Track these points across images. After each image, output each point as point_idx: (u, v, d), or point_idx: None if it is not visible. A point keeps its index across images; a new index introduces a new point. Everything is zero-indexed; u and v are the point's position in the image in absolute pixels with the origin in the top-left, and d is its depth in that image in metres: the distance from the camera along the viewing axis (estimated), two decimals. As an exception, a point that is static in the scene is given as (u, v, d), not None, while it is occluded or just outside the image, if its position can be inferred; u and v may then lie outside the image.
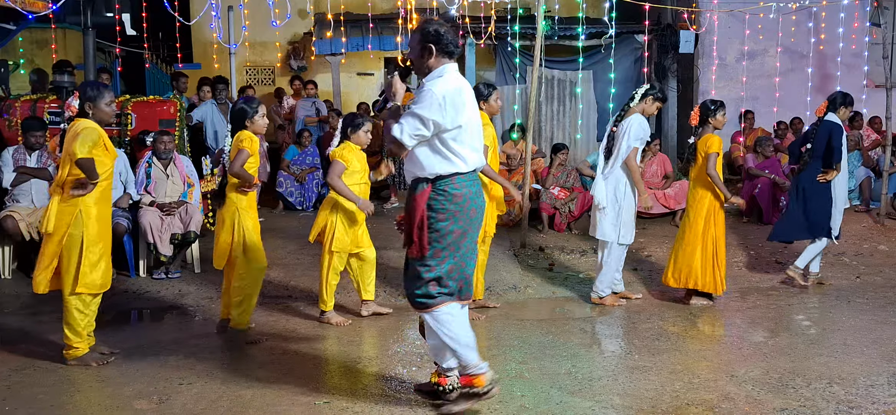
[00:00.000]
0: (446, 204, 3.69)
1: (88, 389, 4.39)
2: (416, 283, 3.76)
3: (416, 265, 3.74)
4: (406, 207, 3.80)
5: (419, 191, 3.71)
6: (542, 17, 7.82)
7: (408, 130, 3.59)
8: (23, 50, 12.89)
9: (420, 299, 3.76)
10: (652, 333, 5.39)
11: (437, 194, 3.69)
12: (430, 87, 3.63)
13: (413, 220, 3.70)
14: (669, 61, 11.56)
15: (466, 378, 3.88)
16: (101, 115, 4.69)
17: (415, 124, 3.60)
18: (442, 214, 3.70)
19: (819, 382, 4.42)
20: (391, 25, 11.53)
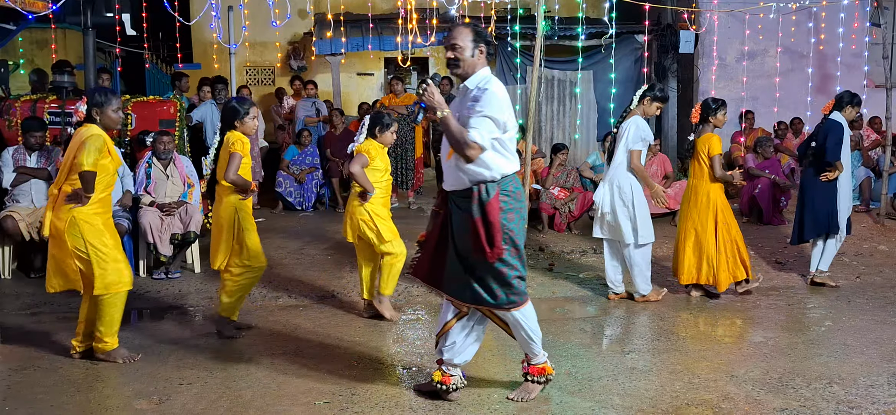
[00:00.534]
0: (513, 203, 3.80)
1: (88, 389, 4.39)
2: (502, 286, 3.82)
3: (498, 268, 3.78)
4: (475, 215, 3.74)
5: (490, 195, 3.74)
6: (542, 17, 7.81)
7: (486, 134, 3.64)
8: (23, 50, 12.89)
9: (513, 299, 3.84)
10: (652, 333, 5.39)
11: (505, 195, 3.78)
12: (494, 90, 3.70)
13: (491, 224, 3.72)
14: (669, 61, 11.56)
15: (538, 368, 4.11)
16: (108, 121, 4.69)
17: (491, 127, 3.66)
18: (512, 213, 3.80)
19: (819, 382, 4.42)
20: (391, 25, 11.53)
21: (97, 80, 7.96)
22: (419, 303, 6.16)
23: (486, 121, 3.63)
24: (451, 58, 3.77)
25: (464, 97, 3.79)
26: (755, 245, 7.84)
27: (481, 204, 3.73)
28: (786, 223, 8.68)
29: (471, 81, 3.78)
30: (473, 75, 3.77)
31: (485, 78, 3.77)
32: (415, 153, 10.02)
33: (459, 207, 3.83)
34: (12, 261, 6.80)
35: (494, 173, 3.74)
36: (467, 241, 3.78)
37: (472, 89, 3.75)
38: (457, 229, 3.86)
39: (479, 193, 3.73)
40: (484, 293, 3.83)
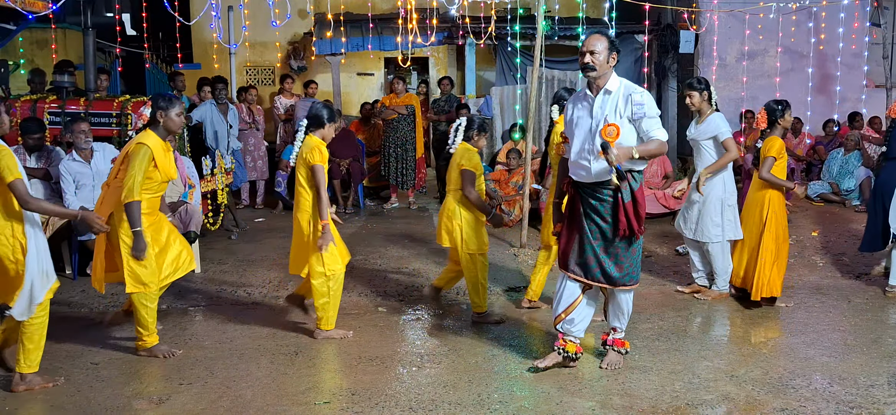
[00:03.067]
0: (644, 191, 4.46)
1: (88, 389, 4.39)
2: (636, 262, 4.43)
3: (635, 245, 4.38)
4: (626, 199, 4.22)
5: (638, 182, 4.30)
6: (542, 17, 7.82)
7: (664, 133, 4.25)
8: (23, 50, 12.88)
9: (638, 275, 4.47)
10: (652, 333, 5.39)
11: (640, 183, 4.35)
12: (642, 90, 4.26)
13: (640, 205, 4.28)
14: (669, 61, 11.56)
15: (621, 341, 4.71)
16: (170, 125, 4.79)
17: (661, 125, 4.29)
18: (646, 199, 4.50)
19: (819, 382, 4.42)
20: (391, 25, 11.53)
21: (97, 81, 7.95)
22: (419, 303, 6.17)
23: (657, 119, 4.24)
24: (586, 63, 4.20)
25: (607, 98, 4.25)
26: (755, 245, 7.84)
27: (631, 190, 4.23)
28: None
29: (611, 85, 4.25)
30: (609, 80, 4.25)
31: (626, 82, 4.30)
32: (415, 153, 10.02)
33: (599, 196, 4.30)
34: (12, 261, 6.79)
35: (640, 166, 4.32)
36: (614, 223, 4.28)
37: (618, 91, 4.25)
38: (598, 214, 4.33)
39: (629, 181, 4.22)
40: (619, 272, 4.38)
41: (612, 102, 4.23)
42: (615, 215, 4.27)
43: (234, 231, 8.36)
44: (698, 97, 6.03)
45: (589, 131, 4.26)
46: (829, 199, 9.62)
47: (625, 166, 4.18)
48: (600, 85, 4.27)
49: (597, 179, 4.27)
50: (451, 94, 10.88)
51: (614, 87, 4.25)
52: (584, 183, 4.36)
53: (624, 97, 4.22)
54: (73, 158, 6.59)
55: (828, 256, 7.46)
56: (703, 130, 6.04)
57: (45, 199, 6.77)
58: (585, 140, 4.29)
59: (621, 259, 4.37)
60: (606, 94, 4.25)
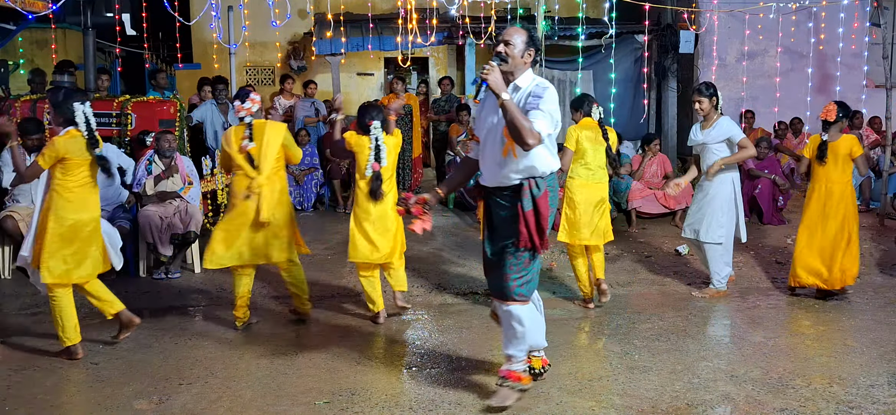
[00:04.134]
0: (553, 199, 3.96)
1: (88, 389, 4.39)
2: (525, 276, 3.96)
3: (528, 258, 3.93)
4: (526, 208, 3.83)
5: (541, 190, 3.86)
6: (542, 17, 7.83)
7: (546, 127, 3.72)
8: (23, 50, 12.89)
9: (527, 291, 4.00)
10: (652, 333, 5.39)
11: (549, 189, 3.93)
12: (551, 87, 3.84)
13: (542, 217, 3.86)
14: (669, 61, 11.56)
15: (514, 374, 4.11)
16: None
17: (549, 123, 3.75)
18: (552, 208, 3.95)
19: (819, 382, 4.42)
20: (391, 25, 11.52)
21: (97, 81, 7.96)
22: (419, 303, 6.17)
23: (547, 116, 3.74)
24: (502, 52, 3.83)
25: (515, 94, 3.84)
26: (755, 245, 7.84)
27: (533, 198, 3.85)
28: (786, 223, 8.68)
29: (522, 80, 3.88)
30: (521, 76, 3.88)
31: (539, 78, 3.92)
32: (413, 152, 10.01)
33: (505, 201, 3.92)
34: (12, 261, 6.80)
35: (545, 169, 3.88)
36: (513, 232, 3.89)
37: (527, 87, 3.84)
38: (498, 224, 3.97)
39: (530, 188, 3.84)
40: (504, 282, 3.96)
41: (518, 99, 3.83)
42: (515, 225, 3.87)
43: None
44: (708, 103, 6.11)
45: (494, 130, 3.88)
46: (829, 199, 9.61)
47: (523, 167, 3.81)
48: (511, 80, 3.89)
49: (500, 183, 3.92)
50: (451, 94, 10.87)
51: (524, 84, 3.88)
52: (489, 187, 4.00)
53: (530, 93, 3.83)
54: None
55: (828, 256, 7.45)
56: (713, 134, 6.10)
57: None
58: (489, 139, 3.94)
59: (511, 269, 3.93)
60: (515, 90, 3.86)
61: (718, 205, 6.14)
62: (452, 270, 7.02)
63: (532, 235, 3.85)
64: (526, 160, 3.81)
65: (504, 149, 3.81)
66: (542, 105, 3.72)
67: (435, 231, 8.51)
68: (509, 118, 3.62)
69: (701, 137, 6.17)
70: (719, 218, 6.13)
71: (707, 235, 6.17)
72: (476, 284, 6.57)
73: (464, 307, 6.07)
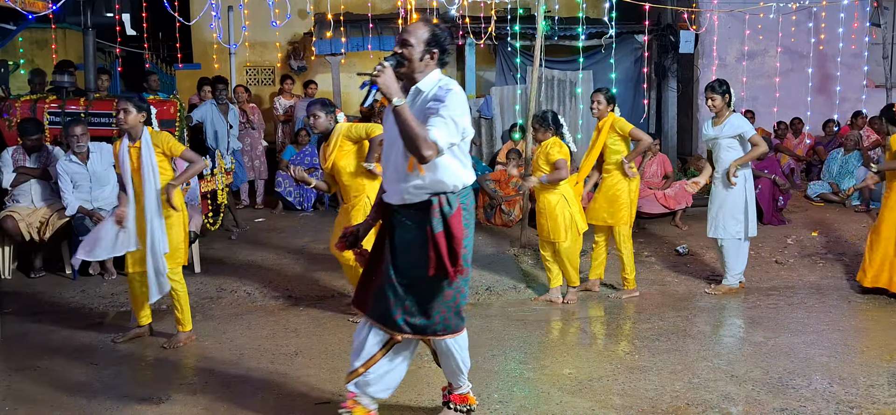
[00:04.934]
0: (469, 218, 3.49)
1: (88, 389, 4.39)
2: (449, 310, 3.52)
3: (447, 290, 3.47)
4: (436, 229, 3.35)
5: (453, 207, 3.38)
6: (542, 17, 7.81)
7: (446, 136, 3.19)
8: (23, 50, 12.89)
9: (456, 325, 3.57)
10: (652, 333, 5.39)
11: (464, 208, 3.45)
12: (458, 91, 3.32)
13: (455, 239, 3.36)
14: (669, 61, 11.56)
15: (461, 396, 3.88)
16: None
17: (452, 131, 3.23)
18: (468, 229, 3.47)
19: (819, 382, 4.42)
20: (391, 25, 11.52)
21: (97, 81, 7.96)
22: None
23: (448, 123, 3.19)
24: (398, 53, 3.32)
25: (415, 99, 3.37)
26: (755, 245, 7.84)
27: (444, 217, 3.35)
28: (786, 223, 8.68)
29: (425, 83, 3.36)
30: (424, 79, 3.37)
31: (445, 79, 3.39)
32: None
33: (410, 222, 3.42)
34: (12, 261, 6.81)
35: (456, 183, 3.38)
36: (421, 260, 3.37)
37: (430, 90, 3.34)
38: (402, 247, 3.46)
39: (441, 206, 3.35)
40: (426, 319, 3.49)
41: (420, 104, 3.34)
42: (424, 249, 3.37)
43: (233, 231, 8.36)
44: (720, 100, 6.24)
45: (397, 140, 3.30)
46: (829, 199, 9.62)
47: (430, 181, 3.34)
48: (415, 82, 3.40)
49: (405, 201, 3.42)
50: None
51: (428, 87, 3.36)
52: (393, 205, 3.50)
53: (433, 97, 3.32)
54: (70, 159, 6.60)
55: (828, 256, 7.46)
56: (725, 130, 6.22)
57: (44, 197, 6.79)
58: (393, 151, 3.42)
59: (430, 304, 3.47)
60: (416, 94, 3.38)
61: (732, 202, 6.25)
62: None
63: (443, 261, 3.33)
64: (433, 174, 3.32)
65: (409, 162, 3.30)
66: (443, 111, 3.21)
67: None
68: (401, 126, 3.13)
69: (713, 133, 6.28)
70: (737, 214, 6.27)
71: (723, 232, 6.31)
72: (476, 284, 6.56)
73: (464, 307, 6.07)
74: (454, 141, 3.25)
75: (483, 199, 9.04)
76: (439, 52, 3.41)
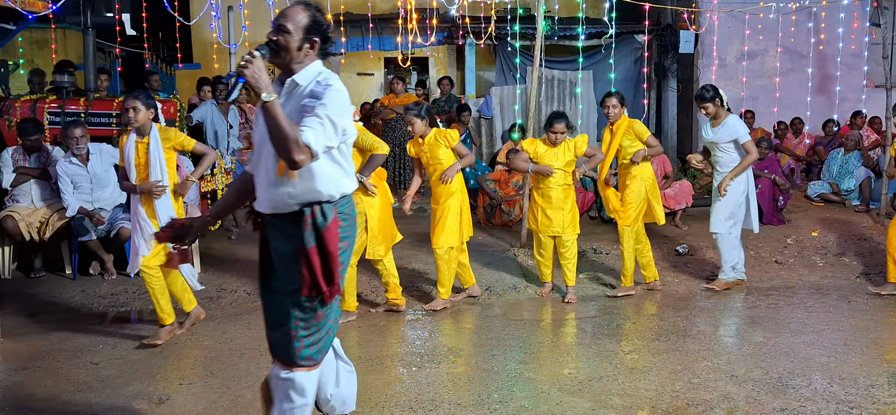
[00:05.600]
0: (349, 230, 3.08)
1: (88, 389, 4.39)
2: (316, 335, 3.02)
3: (319, 310, 2.99)
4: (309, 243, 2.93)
5: (328, 219, 2.95)
6: (542, 17, 7.82)
7: (321, 138, 2.81)
8: (23, 50, 12.89)
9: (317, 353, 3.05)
10: (652, 333, 5.39)
11: (343, 219, 3.04)
12: (338, 87, 2.93)
13: (330, 256, 2.94)
14: (669, 61, 11.57)
15: None
16: None
17: (329, 132, 2.84)
18: (346, 242, 3.06)
19: (819, 382, 4.42)
20: (391, 25, 11.53)
21: (97, 81, 7.96)
22: (419, 303, 6.17)
23: (324, 123, 2.82)
24: (273, 40, 2.95)
25: (292, 94, 2.97)
26: (755, 245, 7.84)
27: (317, 230, 2.94)
28: (786, 223, 8.68)
29: (303, 76, 2.97)
30: (303, 70, 2.98)
31: (325, 73, 3.00)
32: (415, 153, 10.00)
33: (284, 234, 3.01)
34: (12, 261, 6.80)
35: (333, 191, 2.98)
36: (294, 277, 2.96)
37: (308, 84, 2.95)
38: (276, 261, 3.05)
39: (314, 217, 2.94)
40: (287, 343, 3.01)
41: (296, 99, 2.94)
42: (297, 265, 2.94)
43: (233, 231, 8.36)
44: (712, 106, 6.30)
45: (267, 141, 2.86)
46: (829, 199, 9.62)
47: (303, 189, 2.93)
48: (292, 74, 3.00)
49: (276, 210, 2.99)
50: (451, 94, 10.87)
51: (305, 81, 2.96)
52: (266, 215, 3.06)
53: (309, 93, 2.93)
54: (70, 159, 6.60)
55: (828, 256, 7.46)
56: (721, 134, 6.28)
57: (43, 198, 6.79)
58: (263, 153, 2.99)
59: (298, 325, 2.99)
60: (292, 88, 2.98)
61: (729, 199, 6.30)
62: (452, 270, 7.02)
63: (317, 279, 2.93)
64: (307, 181, 2.92)
65: (279, 166, 2.89)
66: (319, 109, 2.83)
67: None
68: (270, 125, 2.76)
69: (712, 135, 6.35)
70: (734, 211, 6.33)
71: (720, 227, 6.37)
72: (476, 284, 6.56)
73: (463, 307, 6.07)
74: (331, 144, 2.87)
75: (483, 199, 9.04)
76: (321, 41, 3.01)
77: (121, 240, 6.56)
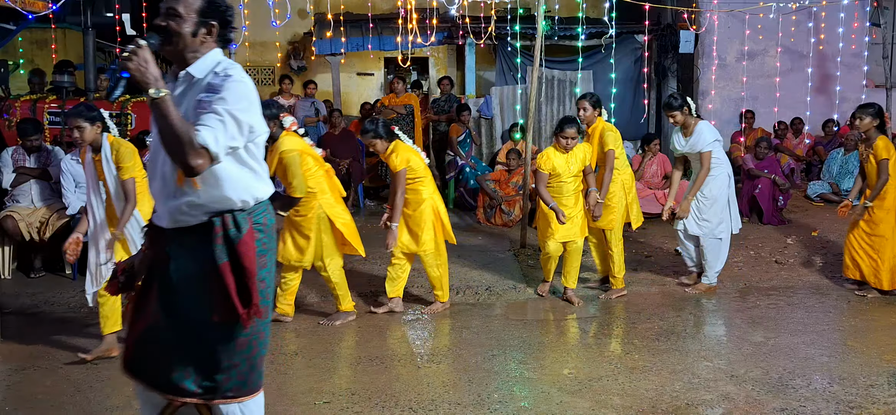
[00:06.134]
0: (268, 242, 2.73)
1: (88, 389, 4.39)
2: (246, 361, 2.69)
3: (240, 337, 2.65)
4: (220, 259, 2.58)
5: (242, 229, 2.61)
6: (542, 17, 7.81)
7: (222, 138, 2.47)
8: (23, 50, 12.88)
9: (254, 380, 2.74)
10: (652, 333, 5.39)
11: (259, 230, 2.69)
12: (240, 78, 2.57)
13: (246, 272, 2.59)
14: (669, 61, 11.56)
15: None
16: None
17: (231, 130, 2.50)
18: (266, 256, 2.71)
19: (819, 382, 4.42)
20: (391, 25, 11.52)
21: (97, 81, 7.96)
22: (420, 303, 6.17)
23: (224, 120, 2.47)
24: (162, 26, 2.60)
25: (188, 88, 2.64)
26: (755, 245, 7.84)
27: (230, 244, 2.59)
28: (786, 223, 8.68)
29: (199, 67, 2.63)
30: (199, 60, 2.64)
31: (225, 62, 2.65)
32: (414, 153, 10.00)
33: (186, 251, 2.63)
34: (12, 261, 6.80)
35: (245, 197, 2.64)
36: (203, 300, 2.60)
37: (205, 76, 2.61)
38: (180, 284, 2.64)
39: (225, 229, 2.59)
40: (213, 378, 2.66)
41: (192, 95, 2.60)
42: (206, 286, 2.60)
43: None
44: (680, 114, 6.17)
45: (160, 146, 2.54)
46: (829, 199, 9.61)
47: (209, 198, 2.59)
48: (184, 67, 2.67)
49: (178, 223, 2.63)
50: (450, 94, 10.87)
51: (202, 72, 2.62)
52: (164, 229, 2.69)
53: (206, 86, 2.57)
54: (74, 158, 6.60)
55: (828, 256, 7.45)
56: (694, 142, 6.19)
57: (43, 198, 6.79)
58: (159, 159, 2.64)
59: (218, 356, 2.65)
60: (188, 81, 2.64)
61: (714, 203, 6.24)
62: (452, 270, 7.01)
63: (231, 301, 2.56)
64: (212, 188, 2.57)
65: (179, 173, 2.54)
66: (218, 104, 2.48)
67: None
68: (161, 125, 2.41)
69: (684, 146, 6.27)
70: (720, 213, 6.27)
71: (708, 231, 6.29)
72: (476, 284, 6.57)
73: (464, 307, 6.07)
74: (234, 144, 2.52)
75: (483, 199, 9.04)
76: (219, 26, 2.66)
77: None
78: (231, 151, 2.53)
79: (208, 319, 2.61)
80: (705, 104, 11.30)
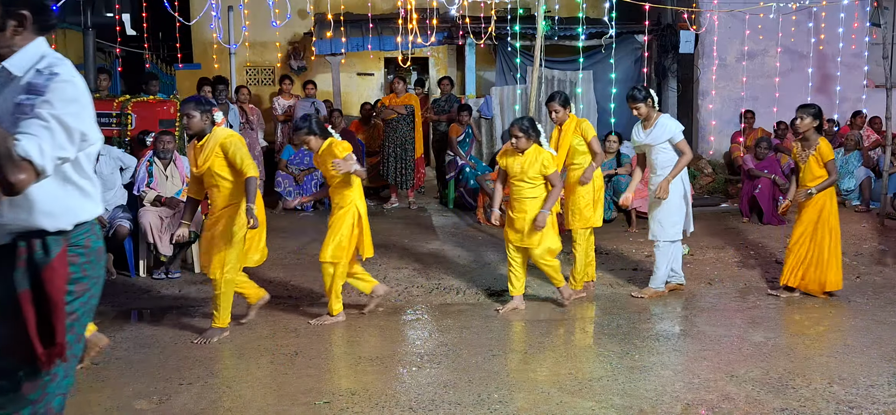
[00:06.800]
0: (89, 269, 2.39)
1: (88, 389, 4.39)
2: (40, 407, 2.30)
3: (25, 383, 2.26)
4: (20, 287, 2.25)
5: (51, 253, 2.27)
6: (542, 17, 7.82)
7: (48, 147, 2.14)
8: (23, 50, 12.88)
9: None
10: (652, 333, 5.39)
11: (77, 253, 2.35)
12: (68, 76, 2.24)
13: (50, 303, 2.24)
14: (669, 61, 11.56)
15: None
16: None
17: (59, 139, 2.18)
18: (81, 283, 2.36)
19: (819, 382, 4.42)
20: (391, 25, 11.53)
21: (97, 81, 7.96)
22: (420, 303, 6.17)
23: (51, 127, 2.15)
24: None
25: (5, 86, 2.29)
26: (755, 245, 7.85)
27: (34, 269, 2.25)
28: (785, 223, 8.68)
29: (17, 62, 2.28)
30: (17, 55, 2.29)
31: (51, 57, 2.30)
32: (415, 153, 10.02)
33: None
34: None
35: (61, 223, 2.30)
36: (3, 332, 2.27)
37: (25, 74, 2.27)
38: None
39: (30, 251, 2.27)
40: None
41: (9, 95, 2.25)
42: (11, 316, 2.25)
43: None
44: (644, 106, 6.11)
45: None
46: (829, 199, 9.62)
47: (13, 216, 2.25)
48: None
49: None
50: (451, 94, 10.87)
51: (22, 69, 2.27)
52: None
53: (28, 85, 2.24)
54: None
55: (828, 256, 7.45)
56: (655, 134, 6.11)
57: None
58: None
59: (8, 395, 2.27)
60: (7, 79, 2.30)
61: (668, 205, 6.11)
62: (452, 269, 7.02)
63: (30, 337, 2.21)
64: (19, 209, 2.24)
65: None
66: (42, 107, 2.16)
67: (436, 231, 8.51)
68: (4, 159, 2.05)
69: (644, 138, 6.17)
70: (673, 216, 6.15)
71: (661, 234, 6.20)
72: (476, 284, 6.57)
73: (464, 307, 6.07)
74: (65, 155, 2.20)
75: (483, 199, 9.04)
76: (32, 13, 2.30)
77: (119, 238, 6.56)
78: (60, 162, 2.19)
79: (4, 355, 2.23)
80: (705, 104, 11.31)
